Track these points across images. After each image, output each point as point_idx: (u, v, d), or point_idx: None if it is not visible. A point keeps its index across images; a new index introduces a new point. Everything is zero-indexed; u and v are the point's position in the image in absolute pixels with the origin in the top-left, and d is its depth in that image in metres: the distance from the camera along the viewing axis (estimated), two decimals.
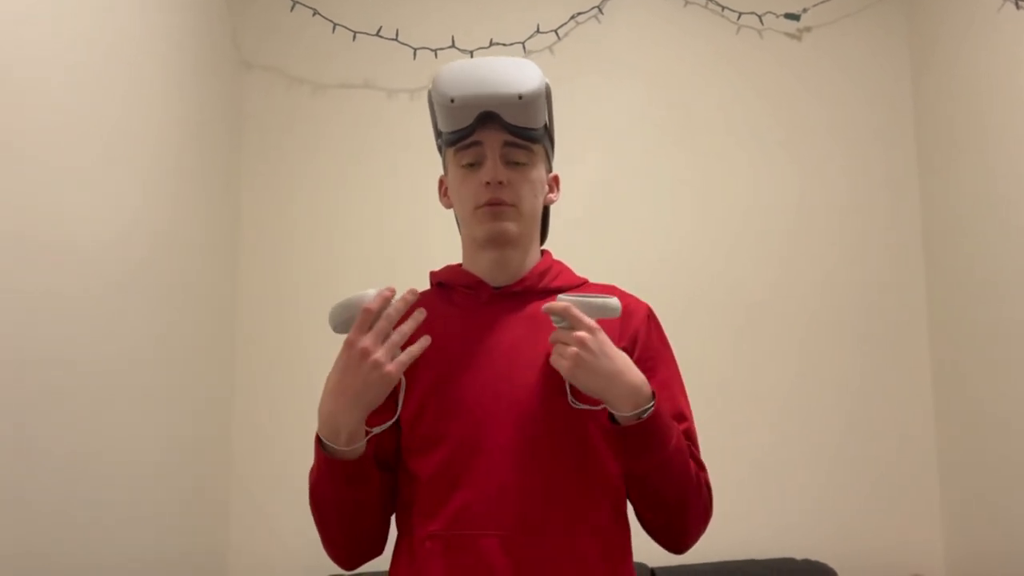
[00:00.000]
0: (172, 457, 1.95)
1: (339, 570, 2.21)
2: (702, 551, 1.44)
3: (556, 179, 1.35)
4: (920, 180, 2.49)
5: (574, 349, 1.10)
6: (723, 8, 2.52)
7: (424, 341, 1.10)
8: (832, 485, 2.37)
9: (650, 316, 1.31)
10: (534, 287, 1.28)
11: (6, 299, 1.33)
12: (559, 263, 1.35)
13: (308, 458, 2.46)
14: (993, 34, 2.18)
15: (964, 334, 2.29)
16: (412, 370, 1.21)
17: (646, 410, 1.13)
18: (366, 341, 1.06)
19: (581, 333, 1.10)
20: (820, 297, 2.44)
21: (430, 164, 2.44)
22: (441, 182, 1.35)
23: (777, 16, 2.52)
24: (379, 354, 1.06)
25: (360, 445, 1.13)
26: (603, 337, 1.11)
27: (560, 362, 1.11)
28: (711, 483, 1.26)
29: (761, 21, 2.52)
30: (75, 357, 1.53)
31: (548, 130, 1.28)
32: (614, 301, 1.13)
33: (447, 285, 1.33)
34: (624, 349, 1.22)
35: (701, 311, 2.38)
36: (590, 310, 1.13)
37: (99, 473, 1.61)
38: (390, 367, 1.07)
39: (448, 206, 1.34)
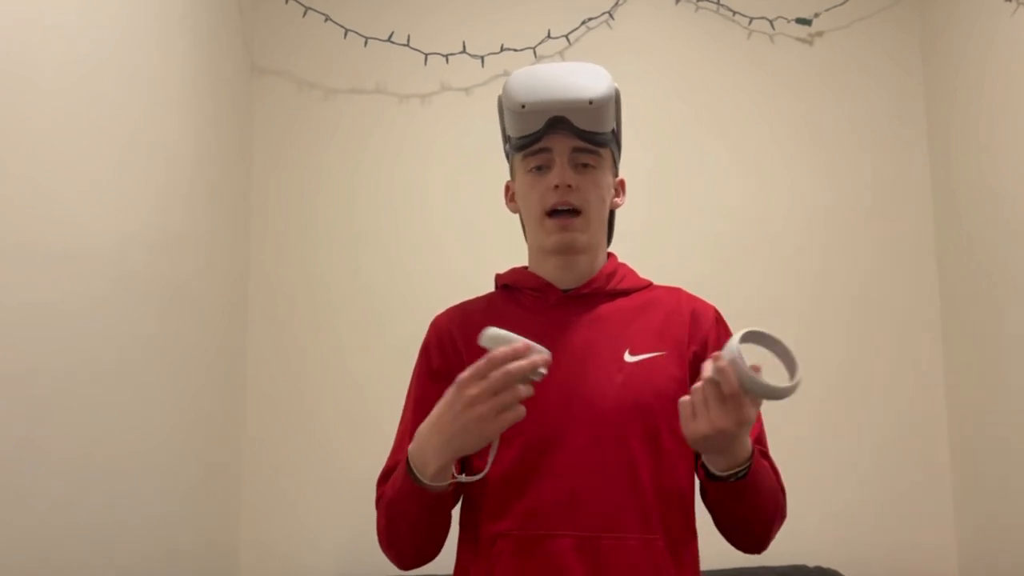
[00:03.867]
0: (184, 454, 1.96)
1: (353, 566, 2.22)
2: (713, 559, 1.44)
3: (622, 183, 1.36)
4: (933, 183, 2.48)
5: (705, 428, 1.04)
6: (734, 13, 2.51)
7: (520, 410, 1.02)
8: (845, 491, 2.36)
9: (718, 320, 1.32)
10: (602, 289, 1.29)
11: (19, 302, 1.34)
12: (624, 265, 1.36)
13: (321, 451, 2.49)
14: (1006, 38, 2.17)
15: (976, 339, 2.27)
16: None
17: (740, 472, 1.12)
18: (475, 389, 1.01)
19: (720, 422, 1.03)
20: (832, 300, 2.43)
21: (441, 169, 2.46)
22: (507, 188, 1.36)
23: (788, 21, 2.51)
24: (484, 408, 1.01)
25: (444, 483, 1.11)
26: (740, 431, 1.05)
27: (698, 425, 1.04)
28: (784, 485, 1.28)
29: (772, 26, 2.52)
30: (87, 356, 1.54)
31: (616, 134, 1.29)
32: (782, 392, 1.05)
33: (513, 287, 1.33)
34: (694, 353, 1.25)
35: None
36: (767, 394, 1.05)
37: (110, 470, 1.62)
38: (491, 424, 1.01)
39: (515, 211, 1.35)
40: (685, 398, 1.06)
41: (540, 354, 1.01)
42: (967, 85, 2.33)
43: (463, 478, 1.13)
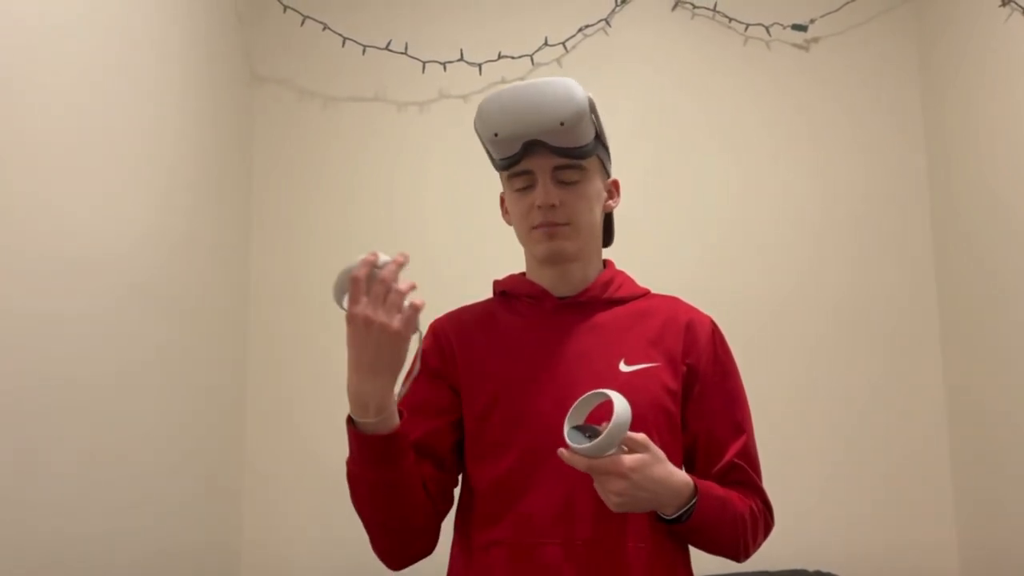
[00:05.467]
0: (185, 457, 1.98)
1: (353, 568, 2.23)
2: (712, 563, 1.44)
3: (616, 184, 1.35)
4: (930, 188, 2.49)
5: (615, 498, 1.07)
6: (730, 19, 2.53)
7: (418, 302, 1.08)
8: (844, 493, 2.36)
9: (714, 331, 1.31)
10: (598, 297, 1.29)
11: (22, 309, 1.35)
12: (622, 273, 1.36)
13: (320, 453, 2.51)
14: (1002, 43, 2.18)
15: (975, 339, 2.28)
16: (476, 376, 1.24)
17: (688, 510, 1.15)
18: (364, 309, 1.05)
19: (616, 486, 1.06)
20: (831, 302, 2.44)
21: (440, 176, 2.47)
22: (502, 200, 1.36)
23: (784, 27, 2.52)
24: (381, 317, 1.05)
25: (391, 414, 1.11)
26: (637, 477, 1.06)
27: (609, 498, 1.07)
28: (770, 501, 1.30)
29: (768, 32, 2.53)
30: (90, 361, 1.55)
31: (600, 139, 1.28)
32: (615, 432, 1.04)
33: (510, 294, 1.34)
34: (688, 366, 1.25)
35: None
36: (608, 444, 1.05)
37: (113, 474, 1.63)
38: (396, 325, 1.06)
39: (510, 223, 1.34)
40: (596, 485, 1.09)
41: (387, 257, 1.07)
42: (964, 89, 2.34)
43: (401, 390, 1.13)
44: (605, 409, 1.07)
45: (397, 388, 1.13)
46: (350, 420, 1.13)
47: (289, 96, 2.49)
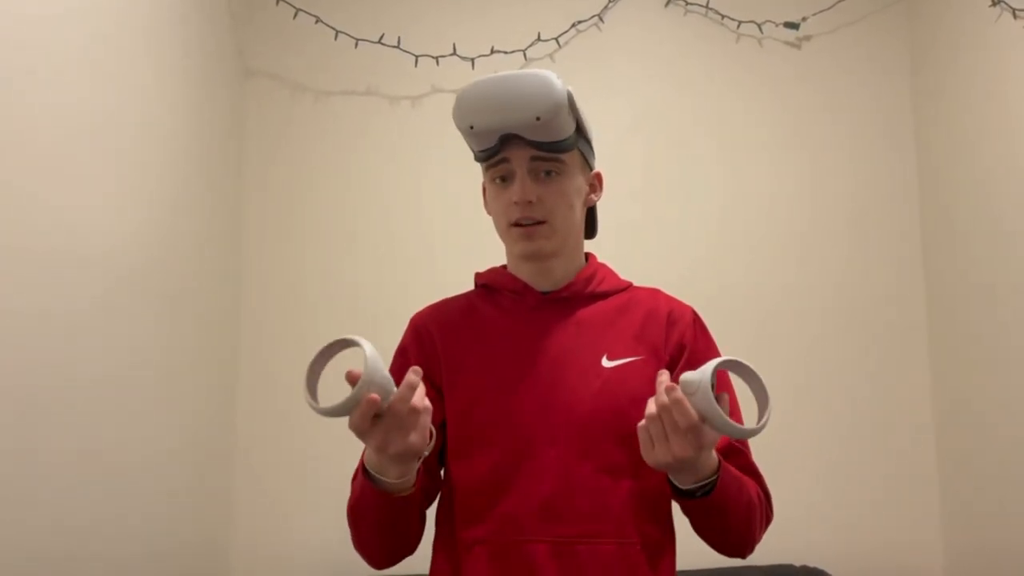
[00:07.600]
0: (176, 454, 1.98)
1: (343, 566, 2.23)
2: (699, 558, 1.45)
3: (599, 177, 1.34)
4: (920, 188, 2.50)
5: (671, 457, 1.04)
6: (723, 17, 2.53)
7: (425, 419, 1.04)
8: (831, 490, 2.38)
9: (695, 320, 1.31)
10: (580, 292, 1.28)
11: (14, 305, 1.35)
12: (604, 267, 1.35)
13: (311, 450, 2.49)
14: (993, 43, 2.19)
15: (963, 339, 2.30)
16: (458, 372, 1.23)
17: (706, 487, 1.12)
18: (376, 439, 1.03)
19: (690, 441, 1.03)
20: (820, 301, 2.45)
21: (433, 171, 2.47)
22: (484, 190, 1.34)
23: (776, 25, 2.53)
24: (396, 445, 1.03)
25: (409, 478, 1.10)
26: (705, 453, 1.06)
27: (656, 456, 1.05)
28: (768, 489, 1.26)
29: (761, 29, 2.54)
30: (82, 356, 1.55)
31: (582, 132, 1.26)
32: (754, 431, 1.03)
33: (492, 288, 1.33)
34: (671, 356, 1.24)
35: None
36: (725, 428, 1.02)
37: (104, 470, 1.63)
38: (414, 442, 1.03)
39: (491, 213, 1.33)
40: (642, 423, 1.05)
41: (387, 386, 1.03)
42: (954, 87, 2.35)
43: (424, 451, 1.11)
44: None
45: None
46: (364, 470, 1.11)
47: (281, 89, 2.48)
